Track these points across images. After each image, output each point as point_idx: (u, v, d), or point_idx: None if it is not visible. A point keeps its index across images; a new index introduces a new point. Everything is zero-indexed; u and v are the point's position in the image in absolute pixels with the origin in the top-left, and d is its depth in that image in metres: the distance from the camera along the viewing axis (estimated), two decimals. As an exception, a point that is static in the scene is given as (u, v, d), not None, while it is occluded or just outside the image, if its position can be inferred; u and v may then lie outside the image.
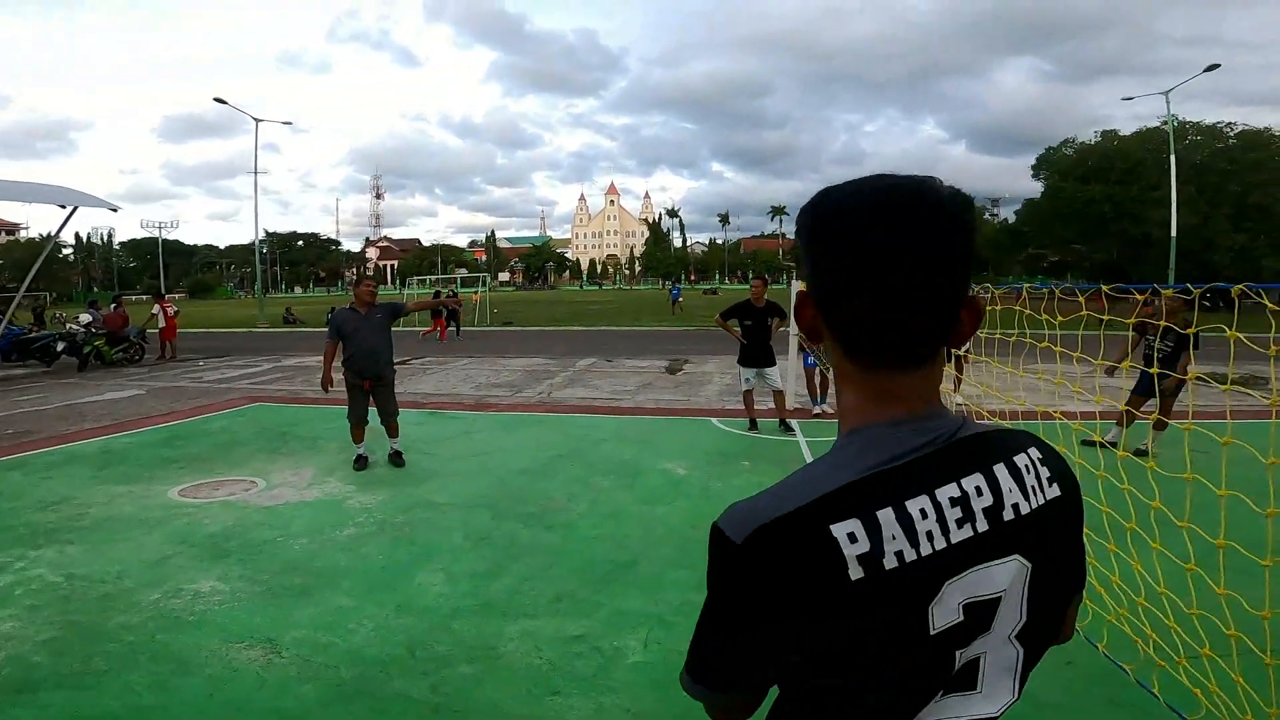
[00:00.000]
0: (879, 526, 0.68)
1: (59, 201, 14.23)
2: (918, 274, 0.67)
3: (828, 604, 0.67)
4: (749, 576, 0.69)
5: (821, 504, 0.69)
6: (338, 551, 4.09)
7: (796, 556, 0.68)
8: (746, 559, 0.69)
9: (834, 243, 0.70)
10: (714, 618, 0.75)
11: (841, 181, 0.73)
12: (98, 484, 5.41)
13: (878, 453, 0.72)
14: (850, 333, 0.72)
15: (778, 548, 0.68)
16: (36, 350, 13.79)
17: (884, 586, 0.68)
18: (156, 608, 3.34)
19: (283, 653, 2.92)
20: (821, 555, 0.67)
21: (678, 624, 3.24)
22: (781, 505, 0.69)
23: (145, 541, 4.21)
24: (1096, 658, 2.80)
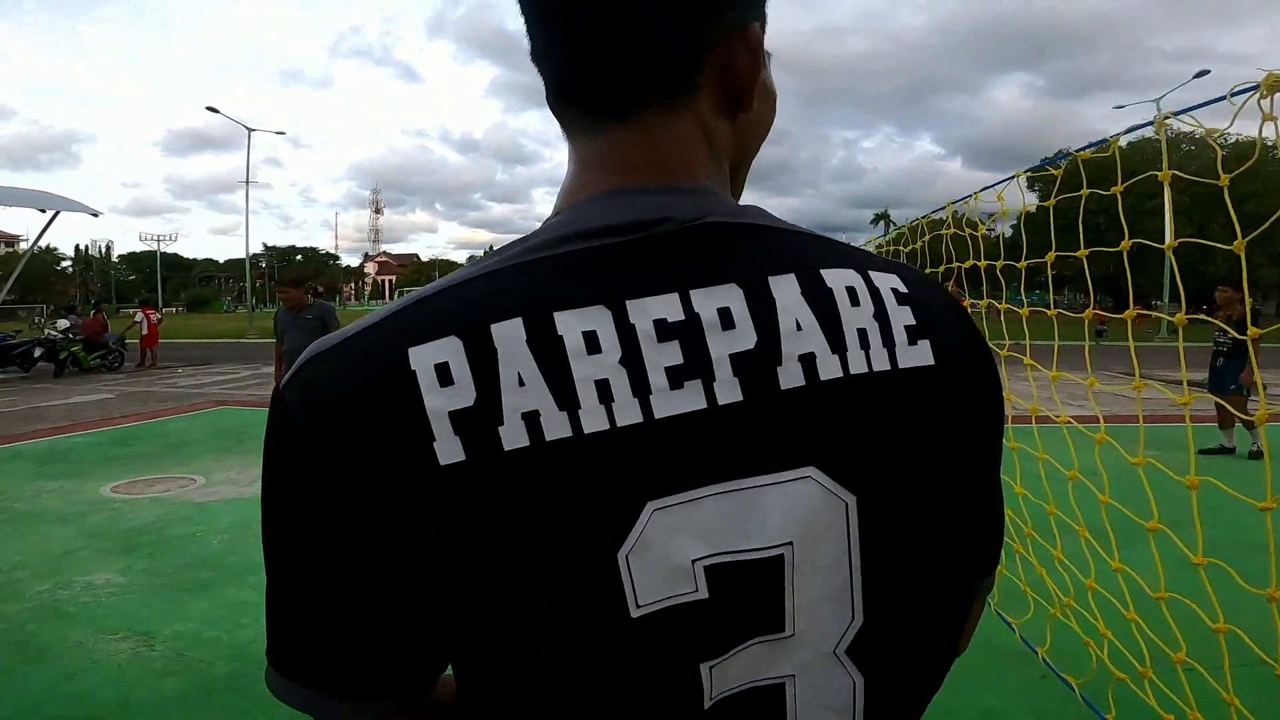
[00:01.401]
0: (495, 357, 0.37)
1: (39, 205, 14.10)
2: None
3: (409, 511, 0.37)
4: (293, 452, 0.39)
5: (403, 317, 0.40)
6: (259, 546, 3.87)
7: (353, 411, 0.38)
8: (286, 423, 0.40)
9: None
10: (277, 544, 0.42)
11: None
12: (31, 480, 5.22)
13: (538, 235, 0.42)
14: (548, 78, 0.47)
15: (327, 395, 0.38)
16: (16, 356, 13.64)
17: (506, 489, 0.37)
18: (40, 599, 3.15)
19: (155, 646, 2.71)
20: (391, 408, 0.37)
21: None
22: (356, 326, 0.41)
23: (57, 534, 4.01)
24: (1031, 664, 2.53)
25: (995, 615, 2.78)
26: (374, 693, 0.41)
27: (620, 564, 0.37)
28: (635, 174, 0.43)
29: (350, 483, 0.37)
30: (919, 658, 0.47)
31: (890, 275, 0.45)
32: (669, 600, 0.38)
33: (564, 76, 0.45)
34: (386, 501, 0.37)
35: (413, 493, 0.37)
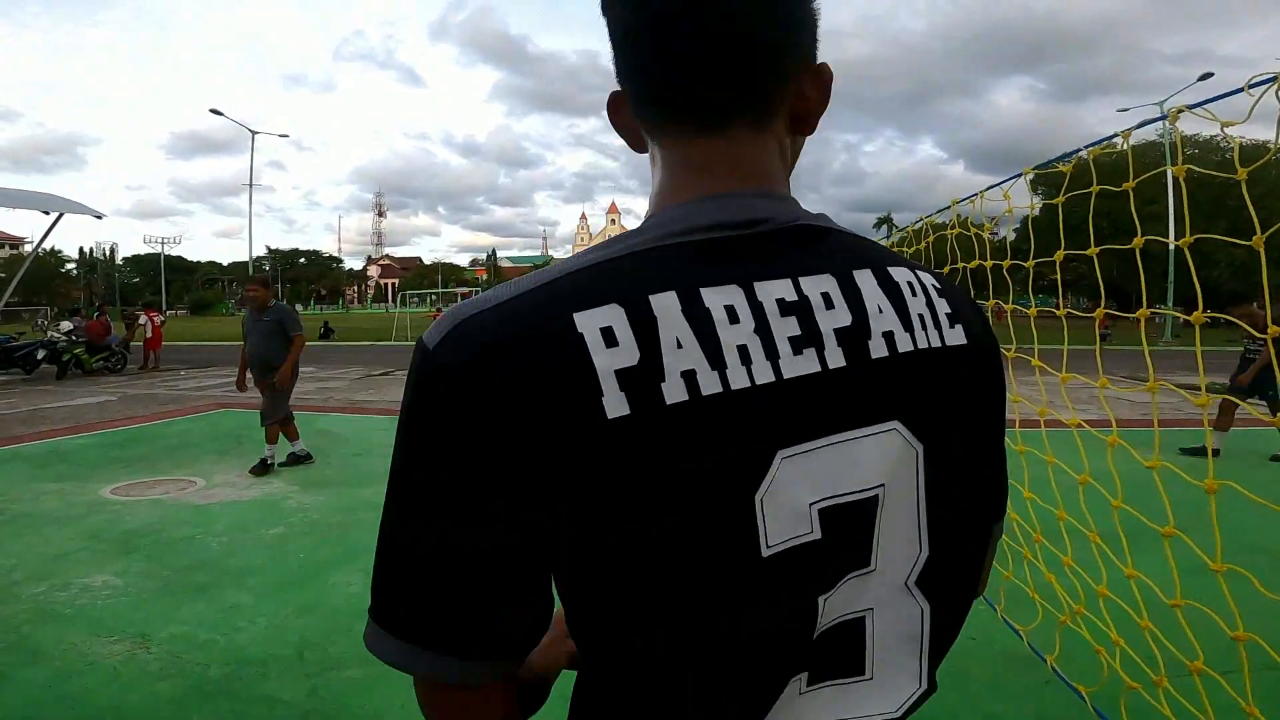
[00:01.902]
0: (654, 324, 0.43)
1: (42, 207, 14.11)
2: (709, 9, 0.48)
3: (572, 462, 0.41)
4: (454, 403, 0.42)
5: (557, 286, 0.45)
6: (257, 550, 3.87)
7: (520, 366, 0.42)
8: (446, 377, 0.43)
9: (636, 7, 0.51)
10: (418, 495, 0.44)
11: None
12: (30, 482, 5.21)
13: (662, 226, 0.48)
14: (642, 90, 0.53)
15: (493, 351, 0.42)
16: (19, 358, 13.66)
17: (666, 439, 0.42)
18: (36, 600, 3.14)
19: (151, 649, 2.70)
20: (560, 365, 0.42)
21: None
22: (499, 295, 0.46)
23: (54, 536, 4.00)
24: (1037, 671, 2.52)
25: (1002, 621, 2.75)
26: (485, 652, 0.46)
27: (756, 507, 0.43)
28: (734, 180, 0.51)
29: (516, 434, 0.42)
30: (965, 588, 0.56)
31: (928, 274, 0.56)
32: (791, 541, 0.45)
33: (666, 89, 0.51)
34: (551, 453, 0.42)
35: (579, 444, 0.41)
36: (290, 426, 5.78)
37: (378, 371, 14.34)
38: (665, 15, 0.49)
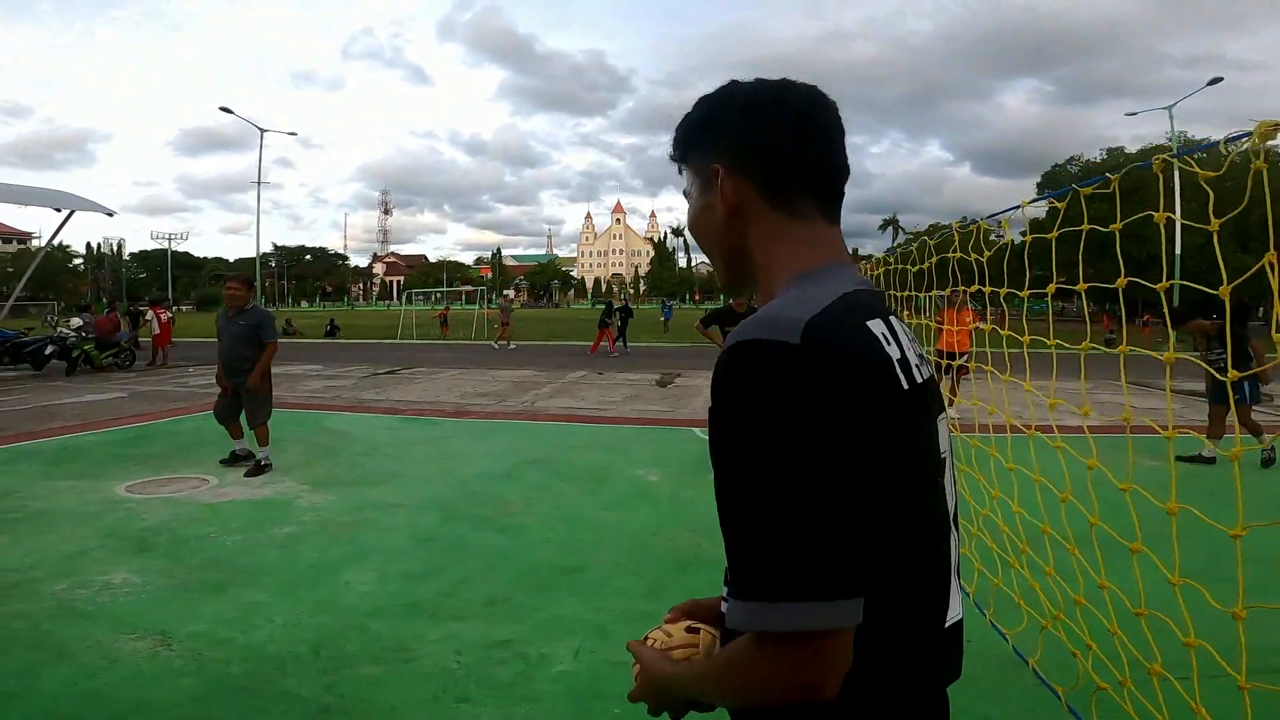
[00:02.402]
0: (894, 334, 0.71)
1: (55, 205, 14.32)
2: (841, 142, 0.78)
3: (888, 412, 0.64)
4: (822, 384, 0.59)
5: (839, 305, 0.66)
6: (270, 549, 3.94)
7: (858, 355, 0.63)
8: (813, 361, 0.60)
9: (781, 114, 0.75)
10: (791, 468, 0.56)
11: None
12: (45, 479, 5.29)
13: (837, 282, 0.71)
14: (789, 182, 0.75)
15: (840, 344, 0.62)
16: (28, 354, 13.78)
17: (914, 401, 0.68)
18: (57, 598, 3.21)
19: (172, 646, 2.77)
20: (874, 354, 0.65)
21: (616, 633, 3.07)
22: (807, 308, 0.64)
23: (72, 534, 4.08)
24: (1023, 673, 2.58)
25: (990, 625, 2.82)
26: (860, 589, 0.59)
27: (941, 454, 0.73)
28: (844, 255, 0.78)
29: (863, 407, 0.61)
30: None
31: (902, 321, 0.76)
32: (943, 454, 0.74)
33: (822, 182, 0.77)
34: (883, 410, 0.63)
35: (896, 408, 0.64)
36: (263, 429, 5.65)
37: (383, 370, 14.43)
38: (831, 128, 0.77)
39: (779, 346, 0.59)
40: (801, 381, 0.58)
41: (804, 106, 0.76)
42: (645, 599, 3.43)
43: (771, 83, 0.78)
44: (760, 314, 0.64)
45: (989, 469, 3.15)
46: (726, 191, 0.76)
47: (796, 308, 0.63)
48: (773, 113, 0.75)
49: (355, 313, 62.41)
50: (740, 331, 0.63)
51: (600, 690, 2.61)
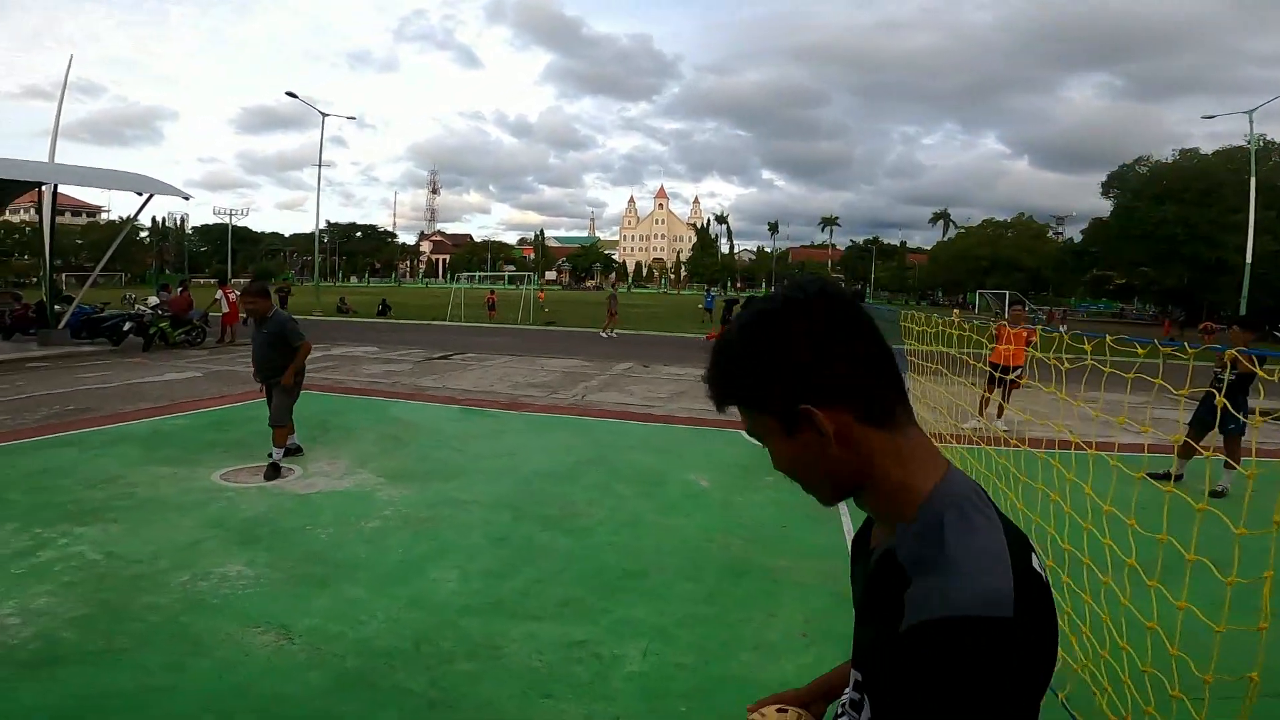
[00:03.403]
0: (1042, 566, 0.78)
1: (137, 189, 15.13)
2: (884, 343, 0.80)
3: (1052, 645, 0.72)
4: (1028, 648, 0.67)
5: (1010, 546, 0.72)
6: (360, 543, 4.25)
7: (1043, 607, 0.71)
8: (1023, 629, 0.66)
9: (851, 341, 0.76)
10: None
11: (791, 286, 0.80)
12: (145, 465, 5.71)
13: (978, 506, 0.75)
14: (876, 404, 0.77)
15: (1036, 604, 0.69)
16: (107, 329, 14.59)
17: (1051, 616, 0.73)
18: (184, 590, 3.52)
19: (294, 640, 3.06)
20: (1045, 598, 0.72)
21: (679, 636, 3.29)
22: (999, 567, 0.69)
23: (182, 524, 4.43)
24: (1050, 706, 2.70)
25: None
26: None
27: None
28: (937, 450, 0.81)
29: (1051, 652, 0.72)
30: None
31: None
32: None
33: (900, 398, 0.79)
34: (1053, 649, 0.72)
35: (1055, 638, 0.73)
36: (281, 431, 5.66)
37: (437, 355, 14.86)
38: (889, 351, 0.78)
39: (1001, 625, 0.65)
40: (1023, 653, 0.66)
41: (855, 321, 0.77)
42: (704, 603, 3.64)
43: (810, 302, 0.76)
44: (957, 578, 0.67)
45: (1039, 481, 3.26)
46: (825, 429, 0.75)
47: (990, 569, 0.68)
48: (842, 339, 0.75)
49: (403, 290, 63.71)
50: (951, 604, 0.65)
51: (667, 689, 2.86)
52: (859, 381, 0.75)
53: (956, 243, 72.50)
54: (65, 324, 14.40)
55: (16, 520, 4.33)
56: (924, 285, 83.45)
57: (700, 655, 3.13)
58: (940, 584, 0.67)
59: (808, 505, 5.24)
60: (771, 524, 4.90)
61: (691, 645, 3.21)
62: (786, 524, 4.87)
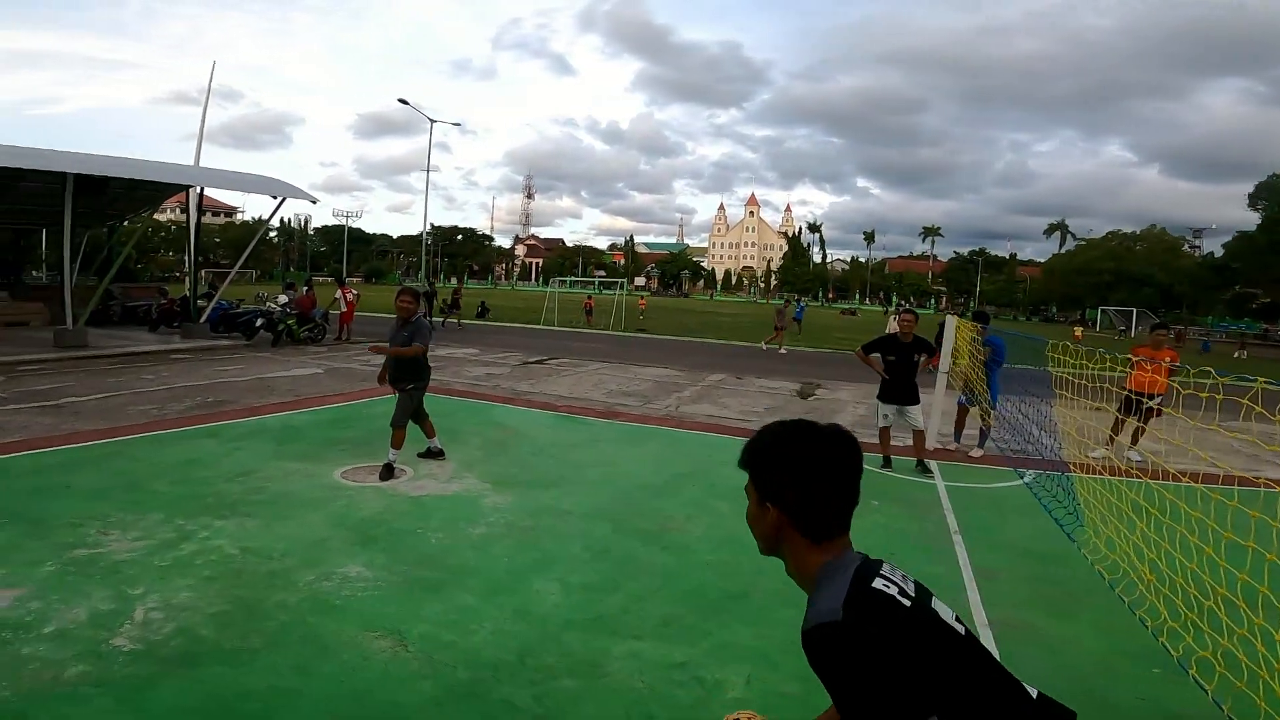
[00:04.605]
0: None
1: (271, 192, 16.49)
2: (857, 480, 1.25)
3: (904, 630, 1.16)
4: (863, 638, 1.12)
5: (855, 579, 1.19)
6: (468, 549, 4.38)
7: (883, 609, 1.15)
8: (853, 627, 1.11)
9: (815, 466, 1.23)
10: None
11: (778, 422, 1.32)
12: (276, 459, 6.14)
13: (856, 562, 1.24)
14: (812, 528, 1.23)
15: (871, 608, 1.14)
16: (241, 325, 15.91)
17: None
18: (310, 589, 3.70)
19: (409, 646, 3.17)
20: (887, 604, 1.16)
21: (783, 663, 3.21)
22: (837, 592, 1.16)
23: (308, 520, 4.71)
24: None
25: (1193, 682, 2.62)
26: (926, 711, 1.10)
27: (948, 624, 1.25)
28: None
29: None
30: None
31: None
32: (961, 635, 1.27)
33: (844, 519, 1.26)
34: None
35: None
36: (400, 433, 5.87)
37: (533, 359, 15.26)
38: (856, 479, 1.24)
39: (831, 627, 1.14)
40: (858, 643, 1.11)
41: (839, 468, 1.27)
42: None
43: (822, 444, 1.26)
44: (810, 606, 1.19)
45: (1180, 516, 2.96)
46: (772, 521, 1.28)
47: (829, 595, 1.15)
48: (820, 479, 1.26)
49: (498, 292, 66.02)
50: (805, 620, 1.18)
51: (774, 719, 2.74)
52: (810, 513, 1.22)
53: (1076, 255, 67.80)
54: (206, 318, 15.82)
55: (163, 511, 4.72)
56: (1036, 300, 78.35)
57: (805, 684, 3.01)
58: (807, 613, 1.16)
59: (917, 533, 4.99)
60: (879, 550, 4.61)
61: (796, 673, 3.10)
62: (895, 551, 4.65)
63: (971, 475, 6.90)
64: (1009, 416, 7.47)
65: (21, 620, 3.21)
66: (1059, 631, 3.72)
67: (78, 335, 13.09)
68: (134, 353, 13.05)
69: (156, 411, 8.01)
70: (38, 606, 3.34)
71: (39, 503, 4.74)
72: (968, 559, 4.65)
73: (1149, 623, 3.36)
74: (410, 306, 5.99)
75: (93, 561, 3.88)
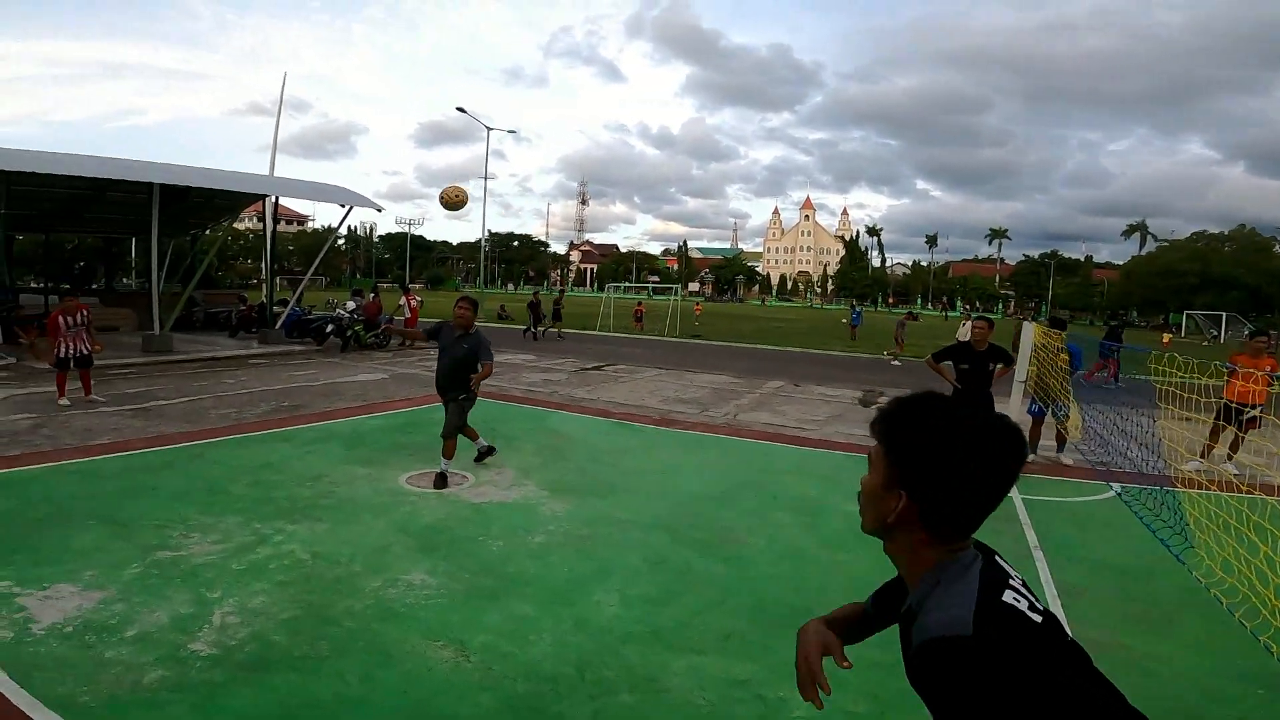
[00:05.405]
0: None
1: (339, 201, 17.15)
2: (1008, 488, 1.06)
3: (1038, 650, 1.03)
4: (994, 656, 0.97)
5: (984, 589, 1.03)
6: (527, 558, 4.40)
7: (1016, 626, 1.00)
8: (985, 643, 0.96)
9: (975, 467, 1.03)
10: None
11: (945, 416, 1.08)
12: (345, 464, 6.32)
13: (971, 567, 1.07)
14: (943, 529, 1.07)
15: (1005, 624, 0.99)
16: (312, 330, 16.56)
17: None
18: (376, 595, 3.77)
19: (470, 656, 3.18)
20: (1020, 620, 1.01)
21: (850, 681, 3.05)
22: (966, 600, 1.01)
23: (373, 525, 4.82)
24: None
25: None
26: None
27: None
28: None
29: None
30: None
31: None
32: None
33: (976, 516, 1.07)
34: None
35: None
36: (451, 443, 5.86)
37: (590, 365, 15.35)
38: (1011, 486, 1.06)
39: (960, 641, 0.99)
40: (988, 660, 0.96)
41: (994, 469, 1.08)
42: (877, 648, 3.33)
43: (982, 438, 1.07)
44: (933, 613, 1.03)
45: None
46: (898, 509, 1.10)
47: (956, 604, 1.01)
48: (969, 480, 1.08)
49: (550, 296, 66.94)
50: (927, 630, 1.03)
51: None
52: (950, 514, 1.06)
53: (1157, 257, 64.19)
54: (281, 324, 16.54)
55: (240, 514, 4.91)
56: (1114, 304, 74.62)
57: (875, 705, 2.90)
58: (924, 619, 1.01)
59: (999, 548, 4.80)
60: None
61: (864, 693, 2.98)
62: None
63: (1050, 489, 6.56)
64: (1093, 426, 7.07)
65: (106, 623, 3.35)
66: (1152, 650, 3.52)
67: (164, 340, 13.82)
68: (215, 357, 13.73)
69: (236, 415, 8.38)
70: (121, 609, 3.49)
71: (127, 504, 5.00)
72: (1050, 575, 4.42)
73: (1275, 649, 3.09)
74: (468, 315, 5.89)
75: (174, 564, 4.05)
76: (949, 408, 1.07)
